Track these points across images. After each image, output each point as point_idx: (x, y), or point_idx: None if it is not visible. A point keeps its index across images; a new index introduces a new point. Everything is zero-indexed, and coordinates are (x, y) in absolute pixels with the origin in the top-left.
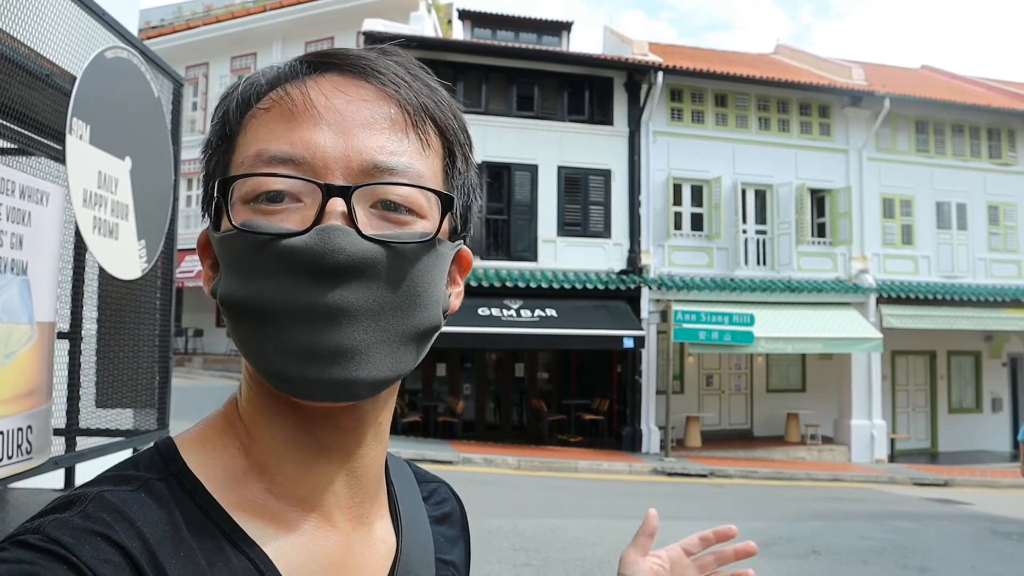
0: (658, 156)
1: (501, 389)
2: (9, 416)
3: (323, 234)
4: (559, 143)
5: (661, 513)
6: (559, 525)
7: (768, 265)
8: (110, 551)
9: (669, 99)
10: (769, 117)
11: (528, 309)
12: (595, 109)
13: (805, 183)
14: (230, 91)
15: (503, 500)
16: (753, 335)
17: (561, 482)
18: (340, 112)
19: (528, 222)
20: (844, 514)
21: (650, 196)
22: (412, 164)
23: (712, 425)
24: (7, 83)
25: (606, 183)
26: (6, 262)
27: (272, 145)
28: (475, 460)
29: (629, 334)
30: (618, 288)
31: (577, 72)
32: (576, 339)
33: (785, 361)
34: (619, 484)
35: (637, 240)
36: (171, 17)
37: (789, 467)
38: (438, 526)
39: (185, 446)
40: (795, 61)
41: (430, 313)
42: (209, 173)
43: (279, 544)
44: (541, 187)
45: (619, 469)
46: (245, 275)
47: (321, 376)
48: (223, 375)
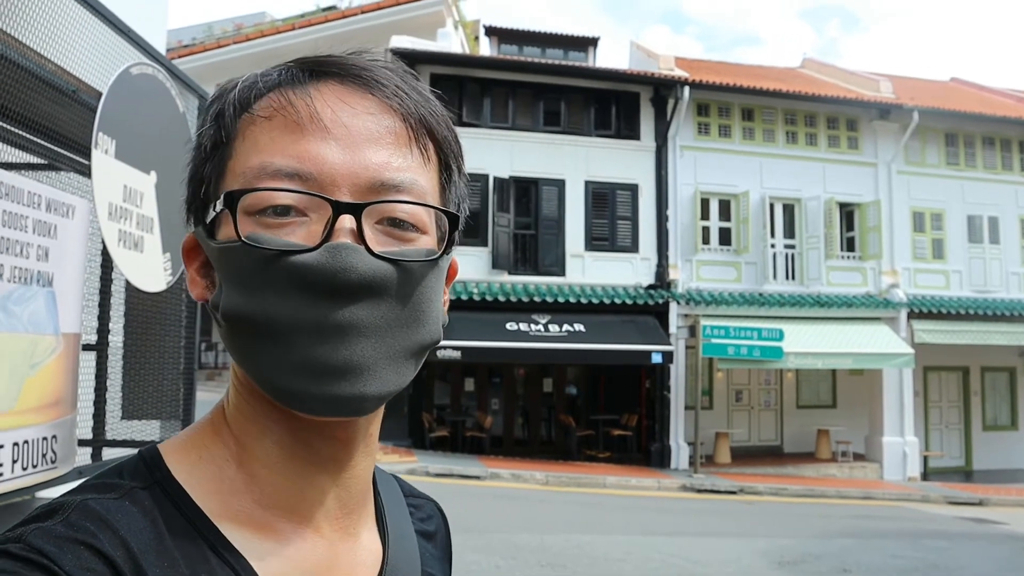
0: (685, 170)
1: (529, 404)
2: (34, 425)
3: (334, 252)
4: (586, 158)
5: (690, 530)
6: (586, 541)
7: (797, 280)
8: (93, 560)
9: (696, 113)
10: (796, 131)
11: (556, 324)
12: (622, 124)
13: (834, 197)
14: (223, 93)
15: (530, 515)
16: (782, 350)
17: (589, 498)
18: (347, 126)
19: (556, 237)
20: (875, 532)
21: (677, 211)
22: (416, 180)
23: (741, 441)
24: (35, 99)
25: (633, 198)
26: (32, 274)
27: (277, 159)
28: (503, 475)
29: (657, 349)
30: (646, 303)
31: (604, 87)
32: (604, 354)
33: (815, 377)
34: (647, 500)
35: (665, 255)
36: (202, 36)
37: (819, 484)
38: (424, 541)
39: (170, 454)
40: (822, 75)
41: (432, 328)
42: (201, 178)
43: (264, 554)
44: (568, 202)
45: (647, 485)
46: (251, 289)
47: (329, 392)
48: None
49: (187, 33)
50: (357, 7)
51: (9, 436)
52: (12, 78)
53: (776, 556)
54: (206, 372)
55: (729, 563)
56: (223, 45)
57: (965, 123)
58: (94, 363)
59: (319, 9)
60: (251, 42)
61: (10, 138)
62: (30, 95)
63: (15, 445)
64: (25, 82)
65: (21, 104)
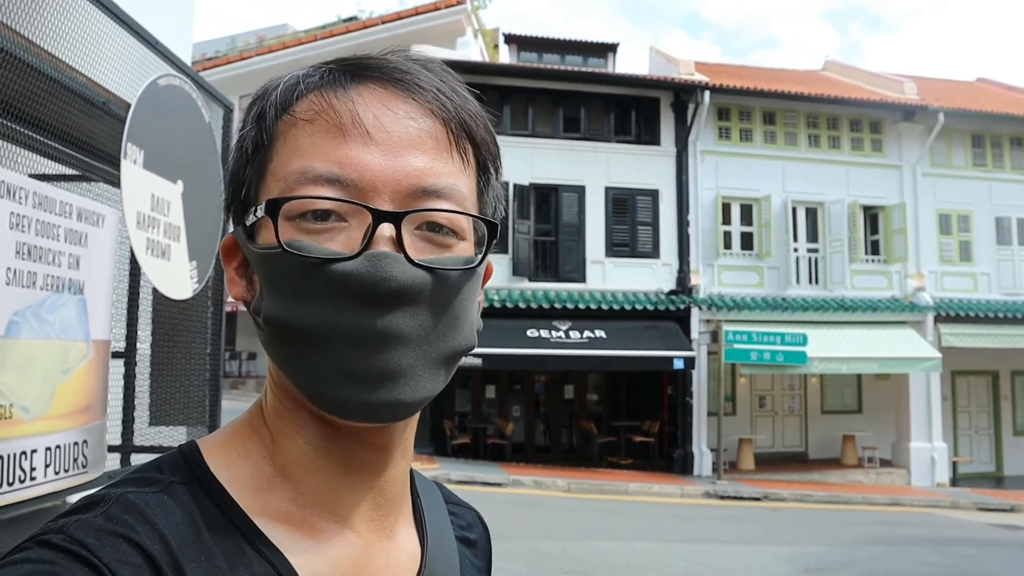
0: (706, 175)
1: (551, 411)
2: (66, 431)
3: (374, 261)
4: (606, 164)
5: (714, 537)
6: (608, 548)
7: (820, 284)
8: (131, 552)
9: (716, 118)
10: (819, 134)
11: (577, 330)
12: (642, 129)
13: (857, 200)
14: (265, 93)
15: (553, 522)
16: (806, 355)
17: (611, 505)
18: (388, 131)
19: (576, 243)
20: (903, 539)
21: (699, 216)
22: (457, 185)
23: (766, 447)
24: (67, 111)
25: (654, 203)
26: (64, 281)
27: (318, 163)
28: (525, 482)
29: (679, 355)
30: (667, 308)
31: (623, 93)
32: (625, 360)
33: (840, 382)
34: (670, 507)
35: (686, 260)
36: (226, 49)
37: (846, 490)
38: (465, 548)
39: (209, 451)
40: (845, 77)
41: (467, 335)
42: (242, 180)
43: (301, 551)
44: (589, 208)
45: (670, 492)
46: (291, 296)
47: (367, 398)
48: None
49: (211, 46)
50: (378, 17)
51: (42, 441)
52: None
53: (801, 563)
54: (230, 381)
55: (753, 570)
56: (246, 57)
57: (992, 123)
58: (123, 370)
59: (340, 20)
60: (273, 54)
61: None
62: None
63: (48, 450)
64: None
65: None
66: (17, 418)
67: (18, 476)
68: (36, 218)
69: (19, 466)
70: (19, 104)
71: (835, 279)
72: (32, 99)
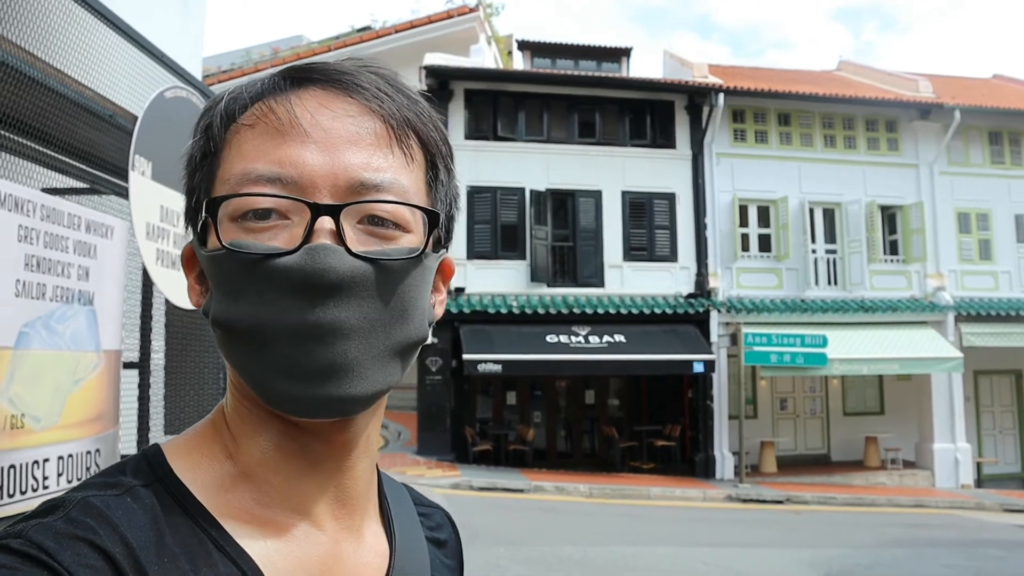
0: (722, 178)
1: (571, 416)
2: (78, 440)
3: (312, 253)
4: (622, 168)
5: (736, 540)
6: (630, 553)
7: (839, 285)
8: (92, 556)
9: (731, 120)
10: (835, 134)
11: (596, 335)
12: (657, 133)
13: (875, 200)
14: (211, 106)
15: (574, 528)
16: (826, 357)
17: (633, 510)
18: (325, 129)
19: (594, 248)
20: (927, 541)
21: (716, 218)
22: (397, 179)
23: (788, 450)
24: (74, 125)
25: (671, 207)
26: (74, 293)
27: (259, 164)
28: (547, 488)
29: (699, 358)
30: (686, 312)
31: (638, 97)
32: (645, 364)
33: (862, 383)
34: (693, 511)
35: (704, 263)
36: (241, 61)
37: (869, 493)
38: (435, 549)
39: (172, 453)
40: (859, 76)
41: (417, 326)
42: (192, 188)
43: (267, 551)
44: (606, 213)
45: (693, 496)
46: (236, 295)
47: (315, 393)
48: None
49: (227, 59)
50: (391, 27)
51: (54, 450)
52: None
53: (824, 566)
54: None
55: (776, 574)
56: (260, 69)
57: (1009, 120)
58: (137, 380)
59: (354, 30)
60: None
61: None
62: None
63: (60, 459)
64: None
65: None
66: (28, 428)
67: (30, 485)
68: (45, 230)
69: (31, 475)
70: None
71: (854, 280)
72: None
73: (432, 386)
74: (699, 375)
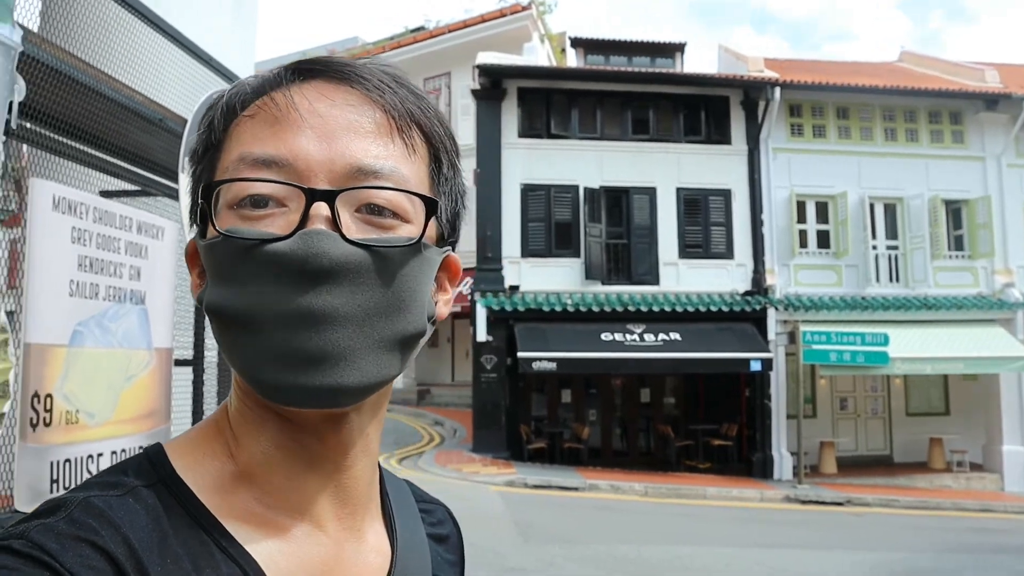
0: (779, 173)
1: (627, 415)
2: (130, 435)
3: (306, 238)
4: (677, 165)
5: (794, 542)
6: (685, 553)
7: (901, 282)
8: (95, 557)
9: (788, 114)
10: (896, 127)
11: (651, 333)
12: (712, 129)
13: (938, 194)
14: (216, 100)
15: (628, 527)
16: (888, 356)
17: (689, 509)
18: (323, 116)
19: (648, 245)
20: (994, 547)
21: (772, 215)
22: (397, 168)
23: (848, 451)
24: (126, 129)
25: (726, 203)
26: (126, 292)
27: (255, 148)
28: (601, 487)
29: (756, 356)
30: (743, 310)
31: (692, 93)
32: (701, 363)
33: (925, 383)
34: (749, 512)
35: (761, 260)
36: None
37: (933, 496)
38: (436, 544)
39: (175, 452)
40: (922, 67)
41: (415, 318)
42: (195, 182)
43: (269, 551)
44: (660, 210)
45: (750, 496)
46: (230, 281)
47: (305, 382)
48: None
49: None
50: (444, 26)
51: (108, 445)
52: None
53: (885, 570)
54: None
55: None
56: None
57: None
58: (191, 377)
59: (408, 31)
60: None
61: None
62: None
63: (113, 453)
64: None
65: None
66: (83, 423)
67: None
68: (97, 232)
69: (86, 469)
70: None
71: (917, 277)
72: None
73: (487, 384)
74: (756, 374)
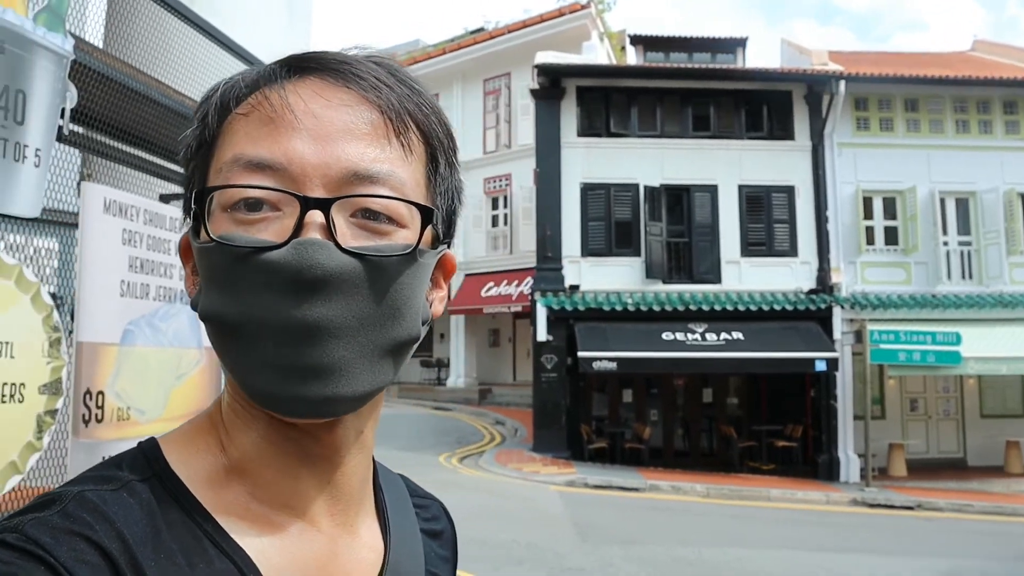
0: (844, 169)
1: (689, 415)
2: None
3: (300, 248)
4: (738, 161)
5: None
6: (746, 555)
7: (975, 279)
8: (88, 551)
9: (854, 108)
10: (968, 119)
11: (713, 332)
12: (774, 124)
13: (1014, 188)
14: (209, 95)
15: (689, 528)
16: (960, 355)
17: (752, 511)
18: (319, 117)
19: (710, 244)
20: None
21: (838, 211)
22: (394, 171)
23: (918, 453)
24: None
25: (790, 200)
26: (176, 292)
27: (249, 150)
28: (663, 487)
29: (821, 356)
30: (807, 308)
31: (754, 88)
32: (764, 362)
33: (1001, 383)
34: (814, 515)
35: (826, 258)
36: None
37: (1010, 501)
38: (430, 540)
39: (169, 447)
40: (996, 56)
41: (409, 325)
42: (188, 178)
43: (262, 546)
44: (722, 207)
45: (815, 499)
46: (224, 289)
47: (301, 393)
48: (417, 403)
49: None
50: (503, 27)
51: None
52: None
53: None
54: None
55: None
56: None
57: None
58: None
59: (467, 32)
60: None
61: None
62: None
63: None
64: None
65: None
66: (134, 420)
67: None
68: (148, 234)
69: None
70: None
71: (991, 273)
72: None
73: (548, 383)
74: (822, 374)
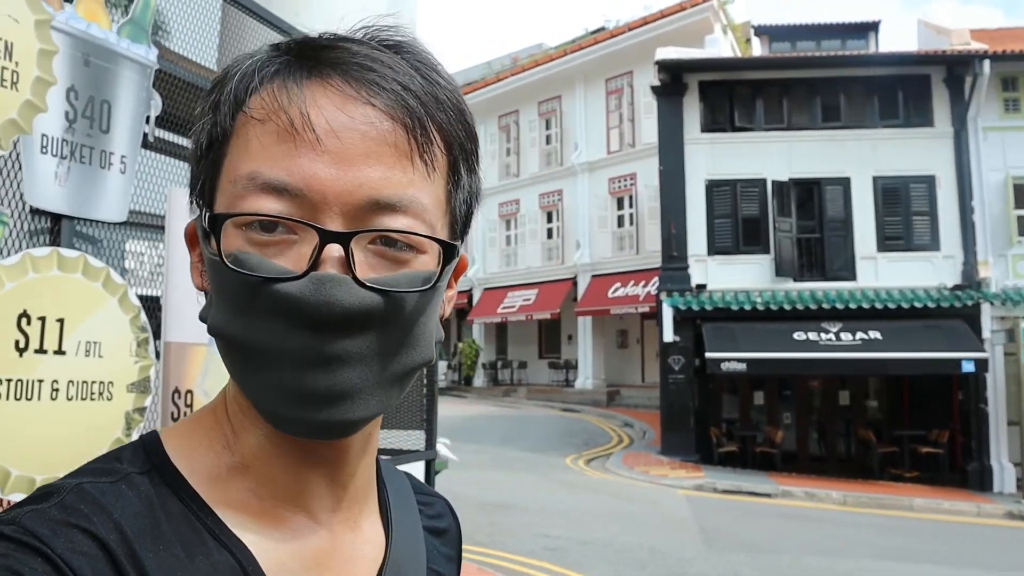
0: (991, 155)
1: (824, 418)
2: None
3: (319, 284)
4: (872, 152)
5: (1017, 564)
6: (884, 568)
7: None
8: (86, 543)
9: (1000, 89)
10: None
11: (848, 332)
12: (911, 111)
13: None
14: (222, 81)
15: (822, 537)
16: None
17: (892, 521)
18: (340, 138)
19: (843, 239)
20: None
21: (984, 201)
22: (416, 198)
23: None
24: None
25: (930, 190)
26: None
27: (266, 170)
28: (795, 494)
29: (968, 356)
30: (952, 305)
31: (887, 74)
32: (904, 363)
33: None
34: (963, 527)
35: (972, 251)
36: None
37: None
38: (433, 538)
39: (170, 440)
40: None
41: (423, 350)
42: (198, 174)
43: (263, 540)
44: (855, 201)
45: (964, 510)
46: (236, 310)
47: (311, 417)
48: (545, 404)
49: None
50: (624, 25)
51: None
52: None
53: None
54: (501, 388)
55: None
56: (501, 79)
57: None
58: None
59: (588, 33)
60: (525, 72)
61: None
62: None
63: None
64: None
65: None
66: None
67: None
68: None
69: None
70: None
71: None
72: None
73: (675, 385)
74: (969, 375)
